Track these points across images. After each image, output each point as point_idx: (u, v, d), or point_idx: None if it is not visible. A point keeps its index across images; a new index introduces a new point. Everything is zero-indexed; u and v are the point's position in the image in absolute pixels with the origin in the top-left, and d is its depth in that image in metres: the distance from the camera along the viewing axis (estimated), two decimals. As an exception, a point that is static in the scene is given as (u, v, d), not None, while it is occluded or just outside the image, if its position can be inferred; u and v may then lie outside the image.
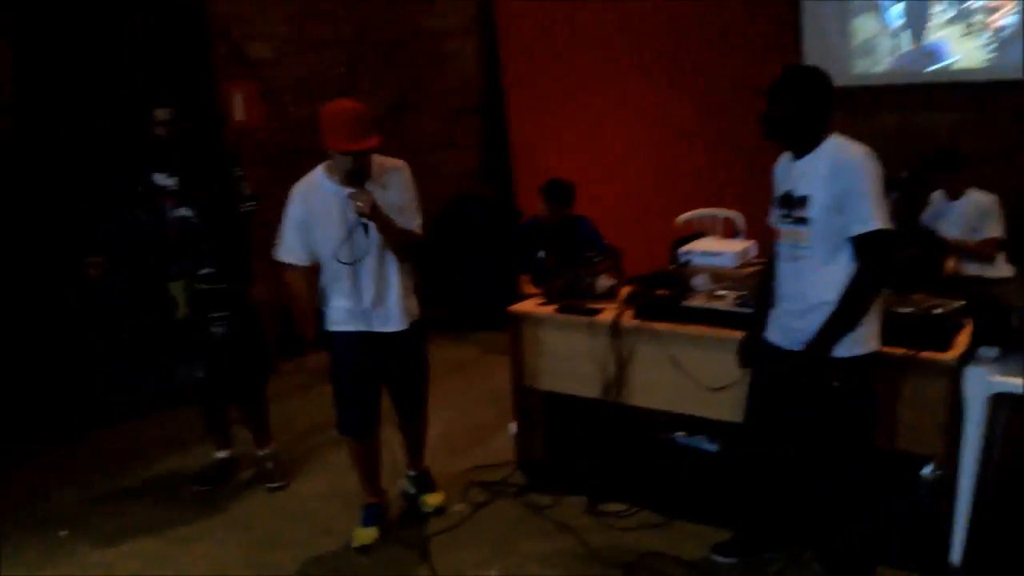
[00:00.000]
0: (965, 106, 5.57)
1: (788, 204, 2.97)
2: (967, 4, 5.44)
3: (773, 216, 3.09)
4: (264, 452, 4.31)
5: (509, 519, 3.85)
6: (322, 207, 3.37)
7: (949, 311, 3.20)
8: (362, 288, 3.42)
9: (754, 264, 4.11)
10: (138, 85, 5.02)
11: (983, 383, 3.01)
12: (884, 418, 3.13)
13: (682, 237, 4.78)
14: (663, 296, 3.79)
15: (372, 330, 3.48)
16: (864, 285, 2.84)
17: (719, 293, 3.74)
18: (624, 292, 4.01)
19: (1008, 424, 3.06)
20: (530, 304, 4.16)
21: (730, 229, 5.49)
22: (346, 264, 3.36)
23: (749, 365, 3.25)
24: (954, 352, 3.10)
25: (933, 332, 3.13)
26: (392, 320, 3.51)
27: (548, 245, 4.80)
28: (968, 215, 4.87)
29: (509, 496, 4.03)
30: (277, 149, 5.83)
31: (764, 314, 3.17)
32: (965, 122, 5.52)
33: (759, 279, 3.37)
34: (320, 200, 3.38)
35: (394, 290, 3.49)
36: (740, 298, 3.62)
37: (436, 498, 3.96)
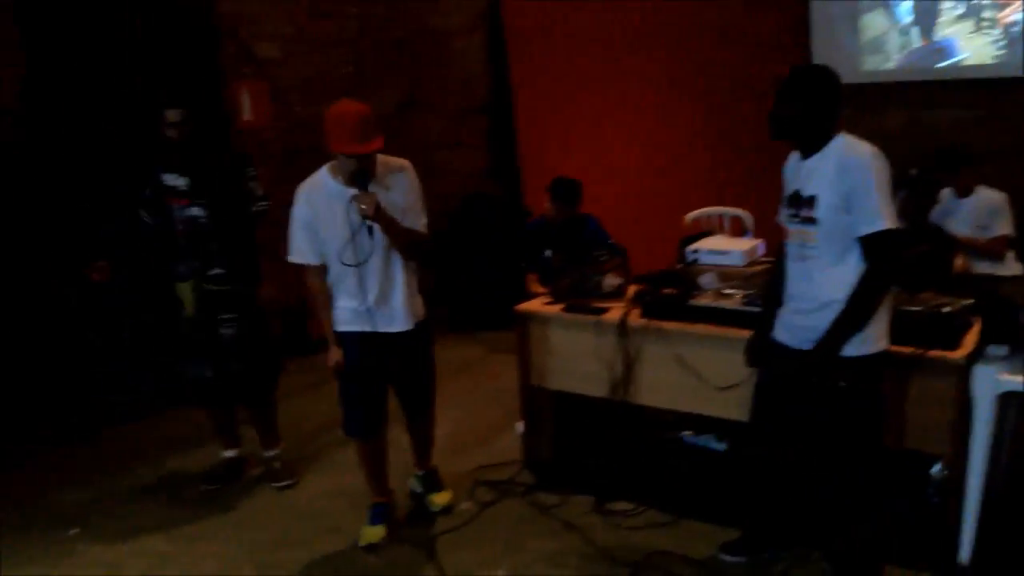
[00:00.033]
0: (974, 103, 5.54)
1: (796, 204, 2.96)
2: (977, 0, 5.41)
3: (781, 215, 3.08)
4: (272, 453, 4.32)
5: (516, 518, 3.85)
6: (326, 208, 3.37)
7: (958, 309, 3.18)
8: (367, 288, 3.41)
9: (762, 263, 4.10)
10: (146, 86, 5.02)
11: (992, 382, 3.01)
12: (892, 417, 3.11)
13: (690, 235, 4.77)
14: (670, 295, 3.77)
15: (377, 330, 3.47)
16: (872, 285, 2.83)
17: (727, 292, 3.72)
18: (631, 291, 4.00)
19: (1017, 423, 3.04)
20: (537, 303, 4.15)
21: (738, 228, 5.47)
22: (350, 266, 3.36)
23: (756, 364, 3.24)
24: (963, 351, 3.09)
25: (941, 330, 3.12)
26: (397, 320, 3.51)
27: (555, 244, 4.78)
28: (977, 213, 4.84)
29: (516, 495, 4.03)
30: (284, 149, 5.84)
31: (772, 313, 3.16)
32: (974, 119, 5.48)
33: (767, 278, 3.36)
34: (324, 201, 3.38)
35: (399, 290, 3.49)
36: (748, 297, 3.60)
37: (443, 497, 3.96)
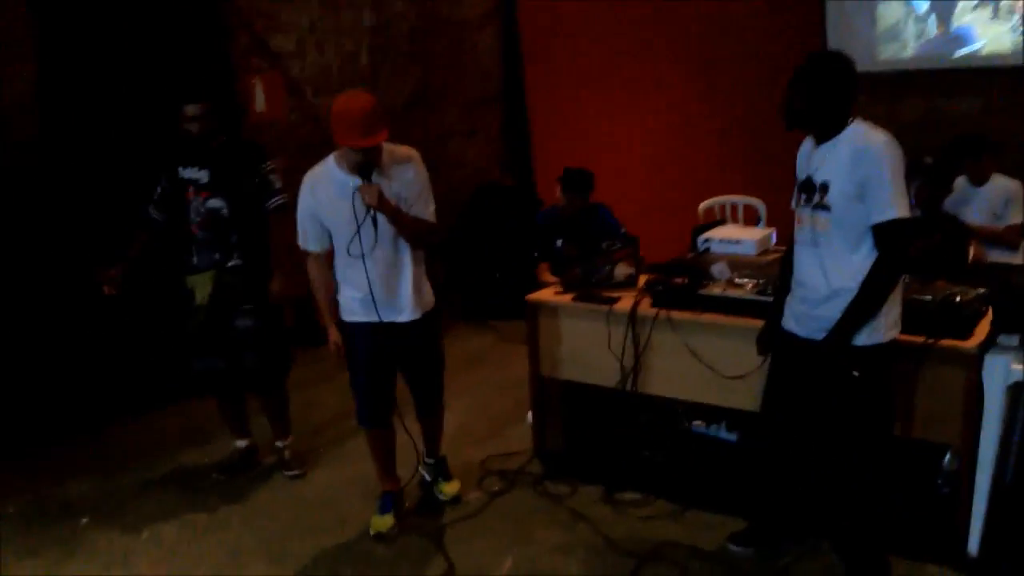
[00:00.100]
0: (991, 91, 5.49)
1: (809, 190, 2.93)
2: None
3: (794, 202, 3.05)
4: (283, 443, 4.34)
5: (525, 508, 3.85)
6: (331, 198, 3.38)
7: (969, 298, 3.16)
8: (373, 278, 3.40)
9: (774, 252, 4.07)
10: (160, 81, 5.03)
11: (1003, 371, 2.98)
12: (903, 406, 3.10)
13: (702, 224, 4.75)
14: (681, 284, 3.75)
15: (384, 320, 3.47)
16: (884, 274, 2.81)
17: (738, 281, 3.70)
18: (642, 280, 3.99)
19: (1028, 413, 3.02)
20: (548, 293, 4.14)
21: (751, 216, 5.44)
22: (356, 256, 3.37)
23: (768, 353, 3.23)
24: (974, 340, 3.07)
25: (953, 319, 3.09)
26: (404, 310, 3.51)
27: (567, 234, 4.78)
28: (992, 201, 4.80)
29: (526, 485, 4.04)
30: (299, 141, 5.85)
31: (783, 302, 3.14)
32: (991, 107, 5.44)
33: (779, 267, 3.34)
34: (329, 190, 3.39)
35: (406, 280, 3.49)
36: (759, 286, 3.58)
37: (453, 487, 3.96)
